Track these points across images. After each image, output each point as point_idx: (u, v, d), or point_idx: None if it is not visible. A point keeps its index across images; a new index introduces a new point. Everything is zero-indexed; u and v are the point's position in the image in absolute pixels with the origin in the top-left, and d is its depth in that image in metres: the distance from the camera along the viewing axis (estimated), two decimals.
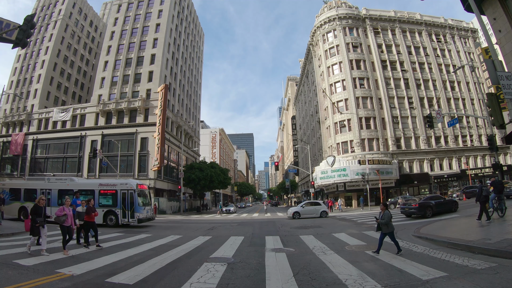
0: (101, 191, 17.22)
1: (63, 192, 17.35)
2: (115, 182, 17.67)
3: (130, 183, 17.34)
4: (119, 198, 16.79)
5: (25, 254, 7.93)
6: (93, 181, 21.68)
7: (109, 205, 16.87)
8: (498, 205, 11.19)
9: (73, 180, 18.83)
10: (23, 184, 19.41)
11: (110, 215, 16.66)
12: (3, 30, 9.45)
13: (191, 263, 6.96)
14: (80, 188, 17.08)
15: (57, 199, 17.38)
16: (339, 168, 36.09)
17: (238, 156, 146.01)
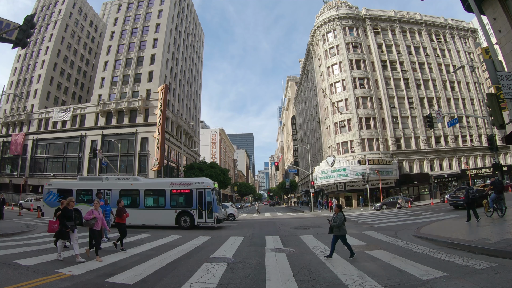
0: (173, 190, 16.19)
1: (126, 193, 16.46)
2: (190, 181, 16.78)
3: (206, 181, 16.46)
4: (195, 198, 15.76)
5: (25, 254, 7.92)
6: (163, 180, 20.72)
7: (183, 206, 15.91)
8: (498, 205, 11.19)
9: (137, 179, 17.47)
10: (75, 184, 17.92)
11: (184, 216, 15.62)
12: (3, 30, 9.45)
13: (191, 263, 6.97)
14: (148, 188, 16.36)
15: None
16: (339, 168, 36.09)
17: (238, 156, 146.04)
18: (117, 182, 17.10)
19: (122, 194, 16.44)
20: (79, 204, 16.11)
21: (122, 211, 9.15)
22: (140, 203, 16.23)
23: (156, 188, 16.71)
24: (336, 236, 7.16)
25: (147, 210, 16.06)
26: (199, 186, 15.96)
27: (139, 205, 16.22)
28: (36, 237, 11.69)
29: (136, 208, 16.04)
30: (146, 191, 16.46)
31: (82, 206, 15.86)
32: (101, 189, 16.33)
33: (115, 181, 17.36)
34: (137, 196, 16.44)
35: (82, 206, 15.89)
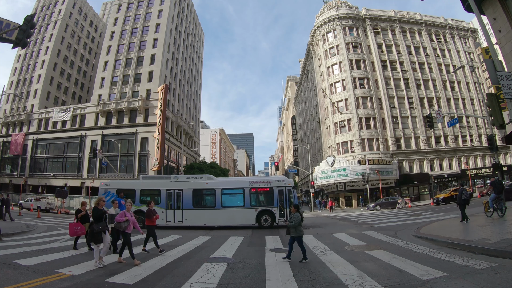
0: (253, 189, 15.72)
1: (200, 193, 15.90)
2: (270, 179, 16.51)
3: (286, 180, 16.25)
4: (276, 196, 15.45)
5: (25, 254, 7.92)
6: (241, 179, 20.00)
7: (263, 205, 15.55)
8: (498, 205, 11.20)
9: (212, 178, 16.70)
10: (139, 184, 16.92)
11: (265, 215, 15.24)
12: (3, 30, 9.45)
13: (191, 263, 6.97)
14: (225, 187, 15.91)
15: (191, 201, 15.61)
16: (339, 168, 36.09)
17: (238, 156, 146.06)
18: (188, 181, 16.39)
19: (195, 194, 15.85)
20: (144, 205, 15.43)
21: (153, 213, 8.77)
22: (216, 203, 15.60)
23: (235, 187, 16.29)
24: (292, 236, 7.03)
25: (225, 210, 15.42)
26: (280, 184, 15.74)
27: (216, 205, 15.63)
28: (36, 237, 11.69)
29: (212, 208, 15.58)
30: (223, 190, 15.87)
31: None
32: (170, 189, 15.76)
33: (186, 180, 16.64)
34: (213, 195, 15.82)
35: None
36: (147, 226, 8.62)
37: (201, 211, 15.29)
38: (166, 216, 15.50)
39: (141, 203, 15.69)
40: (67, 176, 40.04)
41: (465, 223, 11.07)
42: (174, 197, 15.63)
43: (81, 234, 8.51)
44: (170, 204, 15.61)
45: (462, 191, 11.69)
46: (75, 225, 8.44)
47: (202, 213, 15.25)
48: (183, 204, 15.55)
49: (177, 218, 15.44)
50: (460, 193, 11.69)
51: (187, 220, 15.33)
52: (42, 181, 41.58)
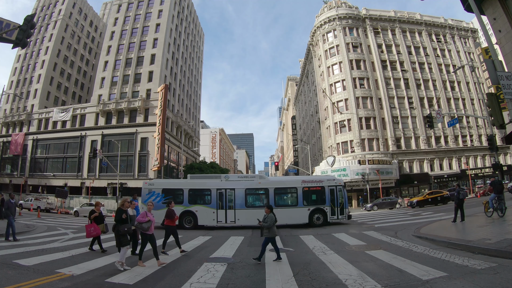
0: (305, 188, 15.73)
1: (253, 192, 15.77)
2: (321, 178, 16.72)
3: (337, 179, 16.61)
4: (327, 195, 15.63)
5: (25, 254, 7.91)
6: (293, 178, 19.98)
7: (316, 203, 15.62)
8: (498, 205, 11.20)
9: (264, 178, 16.73)
10: (187, 184, 16.41)
11: (317, 213, 15.38)
12: (3, 30, 9.45)
13: (191, 263, 6.96)
14: (278, 186, 15.86)
15: (244, 200, 15.44)
16: (339, 168, 36.09)
17: (238, 156, 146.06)
18: (240, 181, 16.27)
19: (248, 193, 15.68)
20: (193, 205, 15.44)
21: (173, 213, 8.51)
22: (270, 203, 15.29)
23: (288, 186, 16.25)
24: (267, 238, 6.96)
25: (278, 209, 14.85)
26: (331, 183, 15.93)
27: None
28: (36, 237, 11.69)
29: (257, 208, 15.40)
30: (276, 190, 15.76)
31: (198, 208, 15.29)
32: (221, 189, 15.48)
33: (238, 179, 16.58)
34: (266, 195, 15.69)
35: (198, 207, 15.34)
36: (166, 226, 8.39)
37: (253, 211, 14.95)
38: (217, 216, 15.28)
39: (190, 203, 15.50)
40: (67, 176, 40.04)
41: (461, 224, 11.09)
42: (225, 197, 15.39)
43: (95, 235, 8.37)
44: (221, 204, 15.40)
45: (459, 191, 11.74)
46: (89, 226, 8.32)
47: (254, 212, 14.72)
48: (235, 204, 15.37)
49: (229, 218, 15.27)
50: (456, 192, 11.75)
51: (239, 220, 15.19)
52: (42, 181, 41.58)
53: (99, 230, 8.41)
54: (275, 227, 7.07)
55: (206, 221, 15.32)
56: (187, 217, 15.22)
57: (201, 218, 15.20)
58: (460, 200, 11.59)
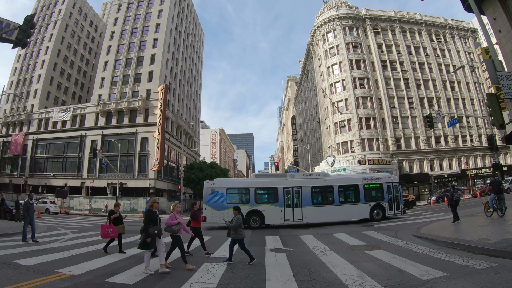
0: (366, 185, 16.29)
1: (318, 190, 15.99)
2: (380, 176, 17.28)
3: (393, 176, 17.47)
4: (385, 191, 16.25)
5: (25, 254, 7.92)
6: (354, 176, 20.61)
7: (375, 199, 16.15)
8: (498, 205, 11.20)
9: (328, 176, 17.07)
10: (252, 183, 16.24)
11: (377, 209, 15.93)
12: (3, 30, 9.45)
13: (191, 263, 6.96)
14: (342, 184, 16.28)
15: (310, 198, 15.55)
16: (339, 168, 36.06)
17: (238, 156, 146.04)
18: (306, 179, 16.26)
19: (314, 191, 15.86)
20: (260, 204, 15.38)
21: (199, 214, 8.34)
22: (335, 200, 15.81)
23: (350, 183, 16.59)
24: (233, 239, 6.93)
25: (342, 206, 15.73)
26: (388, 180, 16.54)
27: (334, 202, 15.84)
28: (36, 237, 11.67)
29: (331, 204, 15.76)
30: (339, 187, 16.09)
31: (265, 207, 15.26)
32: (288, 187, 15.53)
33: (303, 178, 16.58)
34: (331, 192, 15.97)
35: (265, 206, 15.31)
36: (192, 228, 8.15)
37: (320, 208, 15.45)
38: (285, 215, 15.30)
39: (256, 202, 15.44)
40: (67, 176, 40.05)
41: (458, 224, 11.09)
42: (292, 195, 15.45)
43: (112, 236, 8.17)
44: (288, 202, 15.45)
45: (453, 192, 11.75)
46: (107, 227, 8.07)
47: (321, 210, 15.42)
48: (302, 202, 15.45)
49: (296, 216, 15.33)
50: (451, 194, 11.74)
51: (306, 217, 15.31)
52: (42, 181, 41.59)
53: (116, 231, 8.19)
54: (242, 229, 7.05)
55: (273, 220, 15.38)
56: (253, 217, 15.15)
57: (268, 217, 15.23)
58: (454, 202, 11.55)
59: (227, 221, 7.09)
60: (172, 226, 6.54)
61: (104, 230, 8.03)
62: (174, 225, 6.55)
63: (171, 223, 6.57)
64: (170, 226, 6.54)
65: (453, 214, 11.57)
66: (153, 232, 6.08)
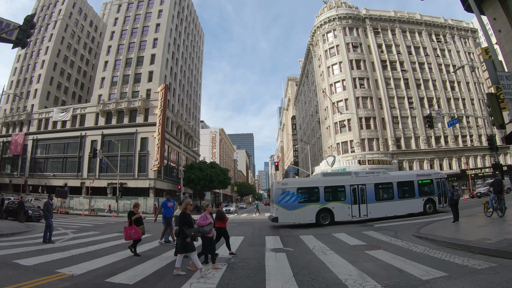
0: (420, 181, 17.30)
1: (380, 186, 16.78)
2: (430, 172, 18.69)
3: (441, 172, 18.97)
4: (435, 186, 17.26)
5: (25, 254, 7.92)
6: (409, 173, 22.02)
7: (427, 194, 17.11)
8: (498, 205, 11.19)
9: (386, 173, 18.00)
10: (322, 181, 16.63)
11: (429, 203, 16.89)
12: (3, 30, 9.45)
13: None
14: (400, 180, 17.13)
15: (374, 194, 16.31)
16: (339, 168, 36.02)
17: (238, 156, 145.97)
18: (368, 176, 16.94)
19: (376, 188, 16.55)
20: (329, 202, 15.71)
21: (223, 215, 8.12)
22: (394, 195, 16.62)
23: (407, 180, 17.42)
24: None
25: (401, 201, 16.56)
26: (437, 176, 17.76)
27: (394, 197, 16.61)
28: (36, 237, 11.69)
29: (391, 200, 16.53)
30: (398, 183, 16.90)
31: (334, 205, 15.66)
32: (354, 185, 16.17)
33: (366, 175, 17.21)
34: (391, 188, 16.79)
35: (334, 204, 15.68)
36: (217, 228, 7.89)
37: (382, 204, 16.25)
38: (352, 211, 15.85)
39: (326, 200, 15.85)
40: (67, 176, 40.05)
41: (458, 224, 11.10)
42: (358, 192, 16.06)
43: (136, 237, 7.91)
44: (354, 199, 16.03)
45: (453, 191, 11.80)
46: (129, 229, 7.85)
47: (382, 205, 16.20)
48: (367, 198, 16.12)
49: (362, 212, 15.95)
50: (451, 193, 11.81)
51: (371, 213, 15.97)
52: (42, 181, 41.58)
53: (139, 232, 7.96)
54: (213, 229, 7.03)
55: (341, 217, 15.76)
56: (323, 214, 15.52)
57: (337, 214, 15.63)
58: (454, 201, 11.61)
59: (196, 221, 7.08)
60: (204, 226, 6.43)
61: (127, 232, 7.81)
62: (206, 225, 6.47)
63: (203, 224, 6.45)
64: (202, 226, 6.42)
65: (453, 214, 11.59)
66: (191, 234, 5.98)
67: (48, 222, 10.18)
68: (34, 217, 19.59)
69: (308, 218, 15.26)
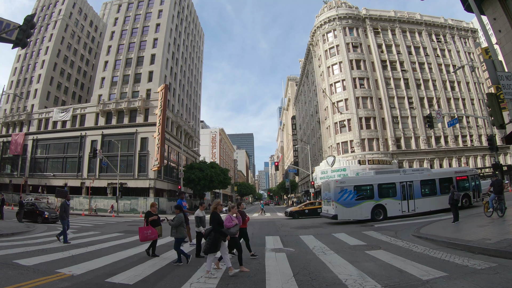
0: (457, 177, 18.20)
1: (425, 183, 17.67)
2: (465, 169, 20.13)
3: (474, 169, 20.30)
4: (470, 182, 18.32)
5: (25, 254, 7.91)
6: (448, 170, 23.86)
7: (464, 189, 18.01)
8: (498, 205, 11.20)
9: (429, 170, 19.79)
10: (375, 179, 17.52)
11: (465, 198, 17.67)
12: (3, 30, 9.45)
13: (191, 263, 6.96)
14: (441, 177, 18.01)
15: (420, 190, 17.35)
16: (339, 168, 36.06)
17: (238, 156, 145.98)
18: (414, 174, 18.08)
19: (422, 184, 17.51)
20: (382, 199, 16.47)
21: (244, 214, 7.94)
22: (437, 191, 17.55)
23: (447, 176, 18.32)
24: (175, 238, 6.95)
25: (442, 196, 17.08)
26: (472, 173, 18.96)
27: (437, 193, 17.53)
28: (36, 237, 11.71)
29: (434, 195, 17.46)
30: (440, 180, 17.79)
31: (386, 201, 16.54)
32: (403, 181, 17.14)
33: (412, 173, 18.36)
34: (434, 185, 17.70)
35: (386, 200, 16.56)
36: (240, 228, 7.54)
37: (426, 199, 17.17)
38: (402, 207, 16.78)
39: (379, 197, 16.59)
40: (67, 176, 40.04)
41: (458, 224, 11.10)
42: (406, 189, 17.05)
43: (152, 238, 7.72)
44: (403, 195, 16.99)
45: (453, 191, 11.86)
46: (145, 229, 7.60)
47: (428, 200, 17.13)
48: (414, 194, 17.11)
49: (410, 207, 16.90)
50: (451, 193, 11.88)
51: (418, 208, 16.89)
52: (42, 181, 41.58)
53: (156, 233, 7.76)
54: (184, 228, 7.06)
55: (393, 213, 16.52)
56: (377, 210, 16.30)
57: (389, 210, 16.42)
58: (454, 201, 11.68)
59: (169, 220, 7.12)
60: (230, 228, 6.35)
61: (143, 233, 7.56)
62: (233, 227, 6.40)
63: (229, 225, 6.36)
64: (228, 228, 6.35)
65: (453, 214, 11.59)
66: (224, 235, 6.00)
67: (64, 223, 10.33)
68: (51, 219, 18.41)
69: (364, 215, 16.03)
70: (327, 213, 17.36)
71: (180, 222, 6.98)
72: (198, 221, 7.82)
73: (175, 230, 6.97)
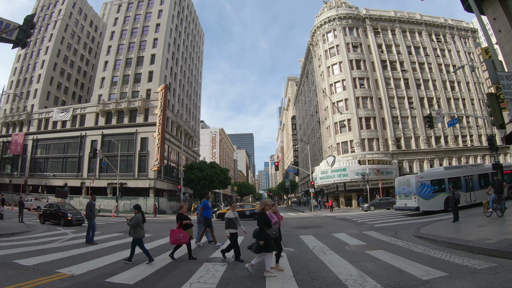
0: (505, 171, 19.25)
1: (482, 177, 19.41)
2: (509, 164, 22.24)
3: None
4: None
5: (25, 254, 7.91)
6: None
7: (510, 182, 19.08)
8: (498, 205, 11.20)
9: (482, 165, 21.86)
10: (445, 174, 19.35)
11: (511, 189, 18.75)
12: (3, 30, 9.45)
13: (191, 263, 6.97)
14: (492, 171, 18.80)
15: (478, 183, 19.03)
16: (339, 168, 36.08)
17: (238, 156, 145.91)
18: (473, 168, 20.20)
19: (480, 178, 19.39)
20: None
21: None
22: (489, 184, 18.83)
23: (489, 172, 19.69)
24: (133, 238, 6.98)
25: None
26: None
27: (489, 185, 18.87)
28: (36, 237, 11.70)
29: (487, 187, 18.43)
30: (492, 174, 18.91)
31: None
32: (466, 176, 18.95)
33: (471, 167, 20.48)
34: (488, 178, 19.43)
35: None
36: None
37: (482, 191, 18.13)
38: (465, 198, 18.38)
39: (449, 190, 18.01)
40: (67, 176, 40.05)
41: (458, 224, 11.10)
42: (468, 182, 18.93)
43: (183, 242, 7.37)
44: (467, 188, 18.79)
45: (453, 192, 11.91)
46: (177, 232, 7.25)
47: (482, 192, 17.94)
48: (474, 186, 18.98)
49: (472, 198, 18.70)
50: (452, 193, 11.95)
51: (477, 199, 18.42)
52: (42, 181, 41.58)
53: (187, 237, 7.44)
54: (142, 229, 7.09)
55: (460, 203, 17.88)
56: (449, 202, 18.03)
57: None
58: (455, 201, 11.70)
59: (128, 219, 7.13)
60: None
61: (175, 236, 7.22)
62: (273, 224, 6.29)
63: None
64: None
65: (454, 214, 11.60)
66: (272, 234, 5.93)
67: (91, 223, 10.32)
68: (75, 221, 17.24)
69: (438, 206, 17.73)
70: (405, 206, 18.99)
71: (137, 222, 7.00)
72: (228, 222, 7.28)
73: (132, 231, 7.00)
